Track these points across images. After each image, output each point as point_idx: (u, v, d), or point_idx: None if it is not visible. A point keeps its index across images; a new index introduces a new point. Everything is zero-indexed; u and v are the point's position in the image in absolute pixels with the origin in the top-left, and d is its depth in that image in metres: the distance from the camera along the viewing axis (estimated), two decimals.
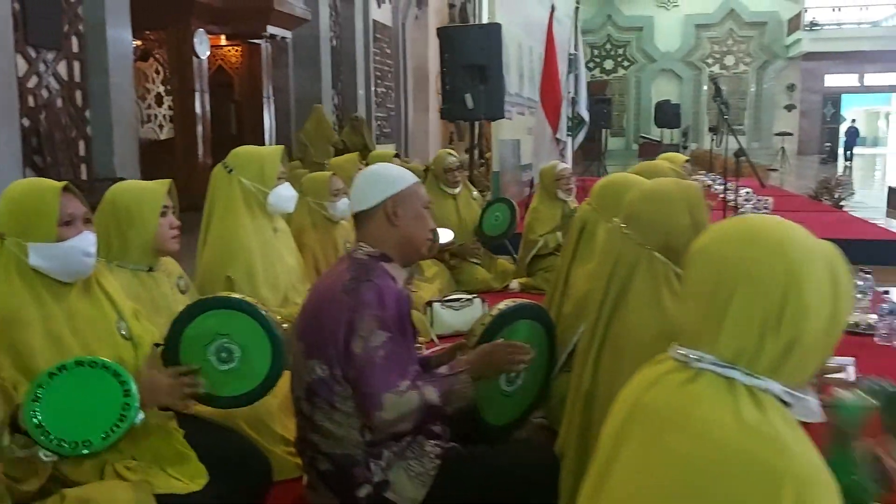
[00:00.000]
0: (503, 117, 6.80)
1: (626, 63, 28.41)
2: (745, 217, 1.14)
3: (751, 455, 0.96)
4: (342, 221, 3.31)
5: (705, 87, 27.71)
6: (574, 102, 7.79)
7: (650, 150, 20.98)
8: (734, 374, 1.02)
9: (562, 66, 7.80)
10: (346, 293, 1.83)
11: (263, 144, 8.81)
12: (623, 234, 1.80)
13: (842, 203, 9.67)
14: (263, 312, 1.88)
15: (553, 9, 7.65)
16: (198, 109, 7.92)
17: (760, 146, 25.30)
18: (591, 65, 28.51)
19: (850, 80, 26.67)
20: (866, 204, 11.70)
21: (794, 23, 25.89)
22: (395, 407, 1.78)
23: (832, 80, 26.56)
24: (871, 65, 25.92)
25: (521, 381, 2.13)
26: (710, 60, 27.84)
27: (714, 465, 0.97)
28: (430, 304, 3.58)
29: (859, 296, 3.79)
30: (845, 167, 21.17)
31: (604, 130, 24.85)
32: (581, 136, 8.04)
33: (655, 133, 22.25)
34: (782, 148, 20.22)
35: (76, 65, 4.84)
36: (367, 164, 4.24)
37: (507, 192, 8.33)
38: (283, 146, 2.74)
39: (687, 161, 4.22)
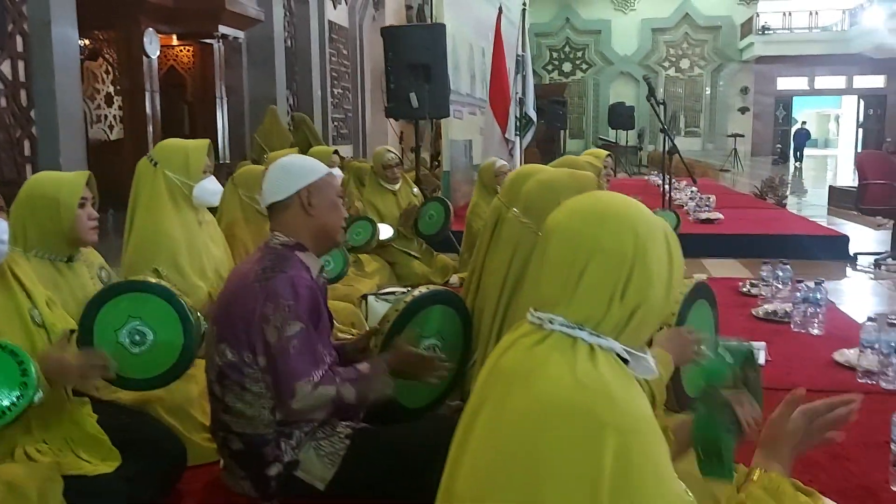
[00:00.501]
0: (448, 116, 6.88)
1: (584, 66, 28.71)
2: (595, 193, 1.23)
3: (576, 406, 1.03)
4: None
5: (661, 90, 28.12)
6: (522, 103, 7.89)
7: (609, 151, 21.30)
8: (581, 335, 1.10)
9: (510, 67, 7.90)
10: (259, 282, 1.88)
11: (217, 145, 8.80)
12: (521, 222, 1.88)
13: (784, 201, 9.93)
14: (176, 296, 1.92)
15: (501, 10, 7.75)
16: (148, 110, 7.87)
17: (715, 147, 25.78)
18: (549, 67, 28.79)
19: (800, 83, 27.31)
20: (811, 202, 12.06)
21: (747, 27, 26.43)
22: (307, 397, 1.84)
23: (784, 84, 27.17)
24: (821, 68, 26.56)
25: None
26: (666, 64, 28.25)
27: (544, 418, 1.04)
28: (365, 297, 3.64)
29: (780, 286, 3.95)
30: (796, 168, 21.70)
31: (562, 132, 25.11)
32: (529, 136, 8.15)
33: (613, 135, 22.54)
34: (734, 149, 20.66)
35: (20, 64, 4.81)
36: None
37: (459, 191, 8.41)
38: (208, 140, 2.78)
39: (608, 156, 4.35)
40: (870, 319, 2.83)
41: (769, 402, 2.62)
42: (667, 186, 10.00)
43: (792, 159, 23.17)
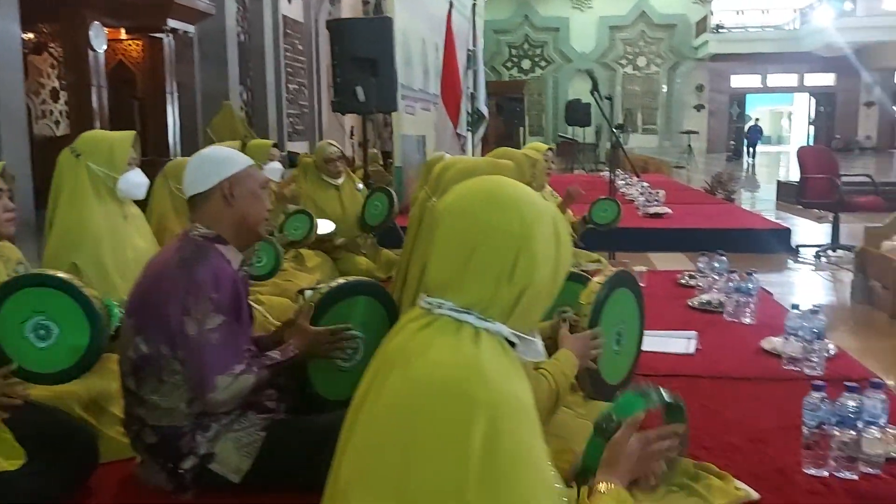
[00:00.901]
0: (396, 110, 6.86)
1: (543, 63, 28.87)
2: (483, 178, 1.23)
3: (448, 385, 1.03)
4: None
5: (619, 88, 28.42)
6: (474, 98, 7.91)
7: (567, 148, 21.42)
8: (468, 319, 1.10)
9: (462, 62, 7.91)
10: (179, 272, 1.85)
11: (167, 141, 8.67)
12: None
13: (733, 196, 10.11)
14: (80, 289, 1.89)
15: (452, 4, 7.75)
16: (95, 105, 7.68)
17: (672, 144, 26.12)
18: (508, 64, 28.89)
19: (754, 80, 27.80)
20: (763, 197, 12.29)
21: (701, 25, 26.82)
22: (228, 389, 1.82)
23: (738, 81, 27.63)
24: (773, 66, 27.07)
25: (359, 356, 2.19)
26: (623, 61, 28.54)
27: (416, 399, 1.05)
28: (301, 291, 3.61)
29: (716, 277, 4.01)
30: (749, 164, 22.08)
31: (521, 129, 25.18)
32: (481, 131, 8.18)
33: (573, 132, 22.71)
34: (689, 146, 20.97)
35: None
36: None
37: (411, 187, 8.40)
38: (134, 132, 2.72)
39: (549, 149, 4.38)
40: (794, 307, 2.88)
41: (700, 389, 2.69)
42: (620, 181, 10.12)
43: (745, 155, 23.56)
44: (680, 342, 3.18)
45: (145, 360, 1.86)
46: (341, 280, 2.22)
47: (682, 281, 4.39)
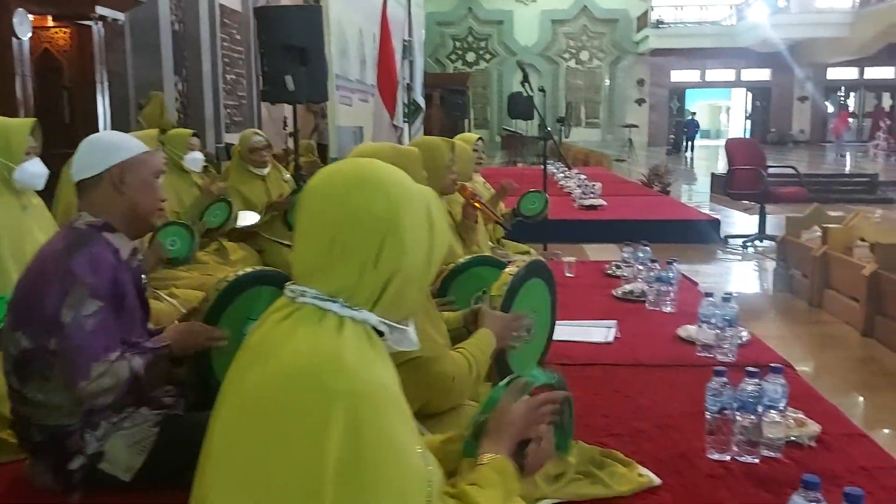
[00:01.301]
0: (327, 100, 6.77)
1: (487, 56, 28.98)
2: (352, 160, 1.19)
3: (305, 377, 0.99)
4: None
5: (562, 82, 28.69)
6: (410, 89, 7.86)
7: (512, 142, 21.53)
8: (332, 307, 1.06)
9: (398, 52, 7.85)
10: (56, 262, 1.78)
11: (96, 132, 8.40)
12: None
13: (668, 189, 10.28)
14: None
15: None
16: (19, 94, 7.39)
17: (614, 138, 26.49)
18: (453, 56, 28.90)
19: (693, 75, 28.40)
20: (700, 190, 12.55)
21: (642, 20, 27.27)
22: (101, 377, 1.74)
23: (677, 76, 28.19)
24: (712, 61, 27.68)
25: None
26: (566, 55, 28.84)
27: (275, 392, 1.00)
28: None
29: (640, 267, 4.05)
30: (687, 158, 22.52)
31: (466, 121, 25.12)
32: (418, 123, 8.13)
33: (516, 125, 22.81)
34: (629, 139, 21.29)
35: None
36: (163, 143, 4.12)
37: None
38: (34, 119, 2.61)
39: (479, 139, 4.37)
40: (707, 296, 2.92)
41: (615, 377, 2.70)
42: (560, 173, 10.19)
43: (684, 149, 24.03)
44: (599, 331, 3.20)
45: (27, 356, 1.78)
46: (242, 271, 2.16)
47: (609, 271, 4.42)
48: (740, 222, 8.08)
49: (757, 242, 6.58)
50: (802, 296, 4.73)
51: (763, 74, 27.82)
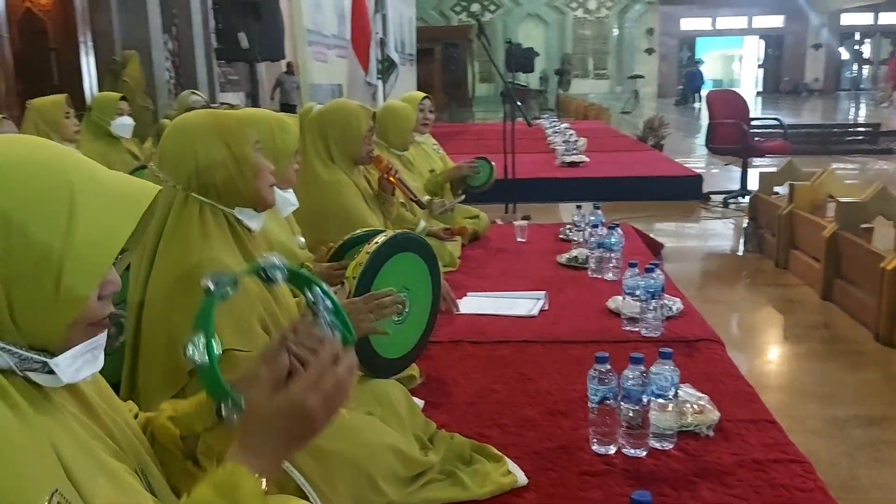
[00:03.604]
0: (282, 58, 6.52)
1: (492, 7, 28.29)
2: None
3: None
4: None
5: (569, 32, 28.03)
6: (383, 44, 7.58)
7: (518, 94, 21.06)
8: None
9: (370, 5, 7.56)
10: None
11: (83, 94, 8.18)
12: (155, 176, 1.64)
13: (662, 143, 9.95)
14: None
15: None
16: None
17: (623, 90, 25.89)
18: (457, 8, 28.28)
19: (704, 23, 27.62)
20: (701, 143, 12.16)
21: None
22: None
23: (687, 24, 27.43)
24: (723, 9, 26.87)
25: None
26: (573, 5, 28.10)
27: None
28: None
29: (592, 231, 3.82)
30: (696, 108, 21.99)
31: (470, 76, 24.65)
32: (393, 80, 7.85)
33: (524, 79, 22.32)
34: (635, 91, 20.78)
35: None
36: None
37: None
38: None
39: (426, 98, 4.11)
40: (631, 265, 2.71)
41: (525, 356, 2.52)
42: (548, 128, 9.91)
43: (691, 100, 23.48)
44: (525, 303, 3.00)
45: None
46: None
47: (562, 235, 4.21)
48: (730, 178, 7.80)
49: (740, 199, 6.32)
50: (771, 255, 4.49)
51: (776, 21, 26.97)
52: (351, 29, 7.69)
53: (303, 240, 2.33)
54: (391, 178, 3.01)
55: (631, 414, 1.86)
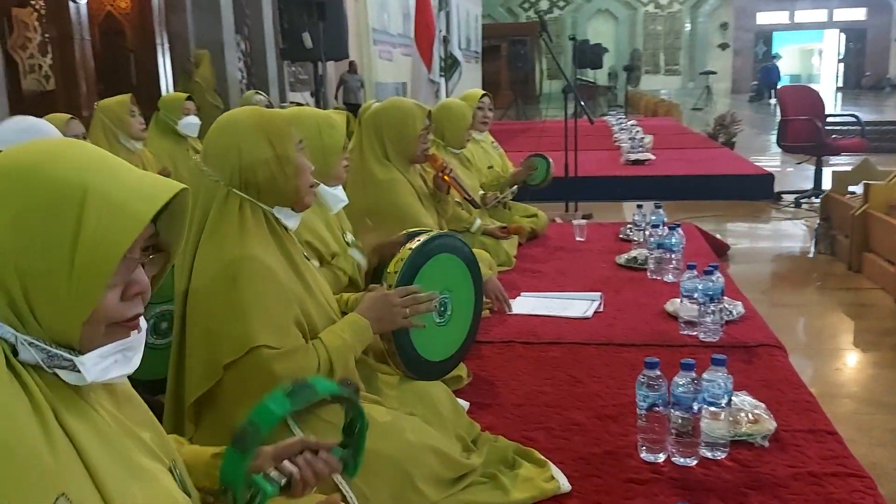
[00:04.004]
0: (346, 57, 6.58)
1: (561, 3, 28.00)
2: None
3: None
4: None
5: (640, 28, 27.53)
6: (447, 41, 7.58)
7: (586, 91, 20.81)
8: None
9: (434, 2, 7.57)
10: None
11: (159, 94, 8.46)
12: (201, 170, 1.66)
13: (734, 140, 9.66)
14: None
15: None
16: (78, 58, 7.48)
17: (696, 86, 25.25)
18: (525, 5, 28.10)
19: (781, 17, 26.70)
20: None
21: None
22: None
23: (763, 18, 26.56)
24: (802, 2, 25.93)
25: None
26: (644, 0, 27.58)
27: None
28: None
29: (653, 231, 3.73)
30: (771, 104, 21.27)
31: (538, 73, 24.47)
32: (457, 77, 7.85)
33: (589, 75, 22.01)
34: (707, 87, 20.23)
35: None
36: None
37: None
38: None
39: (484, 96, 4.08)
40: (690, 267, 2.63)
41: (576, 359, 2.47)
42: (615, 125, 9.76)
43: (767, 96, 22.71)
44: (580, 304, 2.95)
45: None
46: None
47: (623, 235, 4.13)
48: (805, 177, 7.52)
49: (814, 199, 6.07)
50: (843, 258, 4.31)
51: (858, 14, 25.85)
52: (414, 27, 7.71)
53: (352, 236, 2.33)
54: (446, 177, 3.00)
55: (681, 421, 1.80)
